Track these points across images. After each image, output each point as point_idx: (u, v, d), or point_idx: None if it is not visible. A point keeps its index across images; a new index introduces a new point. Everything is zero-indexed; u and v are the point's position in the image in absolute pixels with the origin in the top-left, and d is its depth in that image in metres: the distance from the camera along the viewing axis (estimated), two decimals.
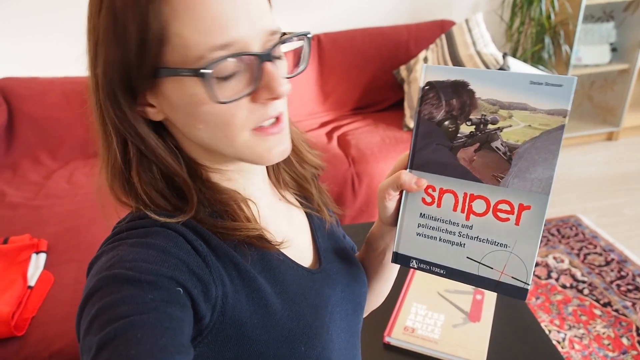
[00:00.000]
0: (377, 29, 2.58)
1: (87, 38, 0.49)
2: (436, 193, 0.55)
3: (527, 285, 0.51)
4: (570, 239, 2.29)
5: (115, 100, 0.48)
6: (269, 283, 0.55)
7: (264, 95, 0.48)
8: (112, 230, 0.52)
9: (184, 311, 0.44)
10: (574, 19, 2.72)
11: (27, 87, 2.29)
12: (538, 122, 0.49)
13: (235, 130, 0.49)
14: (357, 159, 2.12)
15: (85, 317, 0.42)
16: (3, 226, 1.79)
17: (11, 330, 1.33)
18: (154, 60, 0.46)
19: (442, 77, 0.53)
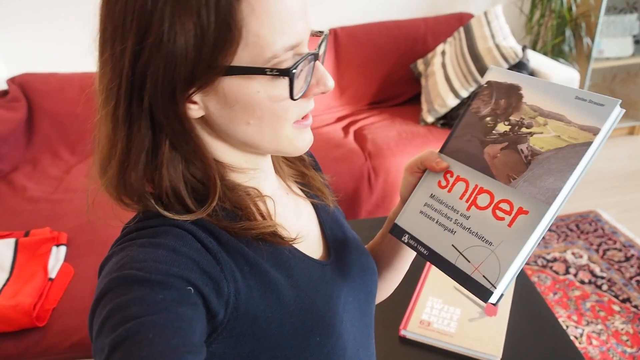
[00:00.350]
0: (394, 23, 2.56)
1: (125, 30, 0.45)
2: (452, 179, 0.57)
3: (493, 287, 0.50)
4: (589, 234, 2.26)
5: (171, 96, 0.47)
6: (281, 276, 0.55)
7: (315, 90, 0.52)
8: (122, 231, 0.53)
9: (195, 310, 0.44)
10: (595, 10, 2.66)
11: (46, 83, 2.33)
12: (568, 135, 0.49)
13: (285, 123, 0.51)
14: (374, 154, 2.11)
15: (97, 318, 0.42)
16: (24, 219, 1.83)
17: (33, 321, 1.36)
18: (229, 57, 0.45)
19: (501, 79, 0.57)
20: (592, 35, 2.72)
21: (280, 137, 0.52)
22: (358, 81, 2.54)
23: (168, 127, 0.49)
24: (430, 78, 2.37)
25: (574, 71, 2.18)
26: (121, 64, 0.46)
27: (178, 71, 0.45)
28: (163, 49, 0.44)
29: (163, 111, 0.48)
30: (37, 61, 2.43)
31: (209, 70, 0.46)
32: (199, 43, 0.44)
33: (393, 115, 2.41)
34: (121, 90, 0.47)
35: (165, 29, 0.43)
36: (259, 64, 0.46)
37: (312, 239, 0.65)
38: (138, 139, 0.49)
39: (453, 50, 2.33)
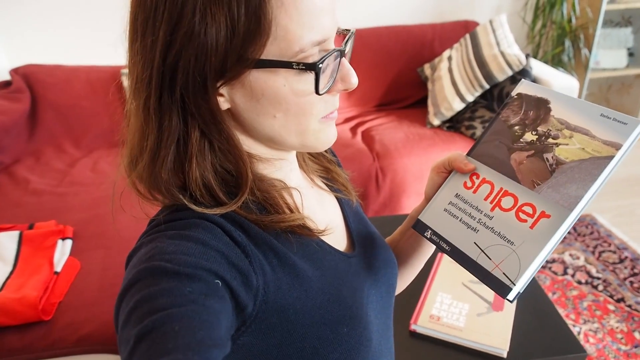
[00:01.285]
0: (403, 27, 2.59)
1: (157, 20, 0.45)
2: (478, 181, 0.60)
3: (512, 284, 0.52)
4: (586, 237, 2.33)
5: (202, 87, 0.47)
6: (309, 268, 0.55)
7: (340, 86, 0.52)
8: (149, 224, 0.52)
9: (223, 303, 0.44)
10: (593, 23, 2.73)
11: (51, 75, 2.29)
12: (592, 148, 0.52)
13: (310, 118, 0.51)
14: (382, 154, 2.13)
15: (124, 308, 0.42)
16: (27, 212, 1.79)
17: (39, 315, 1.34)
18: (258, 50, 0.46)
19: (531, 92, 0.60)
20: (589, 46, 2.78)
21: (306, 131, 0.52)
22: (366, 83, 2.56)
23: (200, 118, 0.49)
24: (437, 82, 2.40)
25: (573, 80, 2.23)
26: (152, 55, 0.46)
27: (209, 62, 0.45)
28: (194, 40, 0.44)
29: (194, 102, 0.48)
30: (42, 52, 2.40)
31: (238, 63, 0.46)
32: (229, 35, 0.44)
33: (400, 117, 2.43)
34: (152, 82, 0.47)
35: (197, 20, 0.44)
36: (286, 58, 0.47)
37: (338, 231, 0.66)
38: (169, 130, 0.49)
39: (459, 56, 2.37)
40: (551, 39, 2.79)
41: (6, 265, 1.53)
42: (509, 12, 2.83)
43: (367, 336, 0.58)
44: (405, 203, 2.13)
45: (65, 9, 2.36)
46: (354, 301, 0.58)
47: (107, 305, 1.40)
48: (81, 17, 2.37)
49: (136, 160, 0.51)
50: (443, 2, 2.76)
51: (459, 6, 2.79)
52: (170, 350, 0.37)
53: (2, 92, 2.23)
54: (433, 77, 2.46)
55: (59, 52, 2.41)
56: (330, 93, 0.52)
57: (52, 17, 2.37)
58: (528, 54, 2.28)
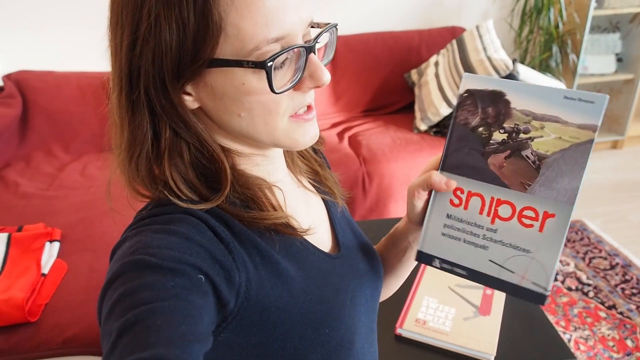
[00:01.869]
0: (390, 34, 2.62)
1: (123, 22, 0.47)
2: (464, 195, 0.57)
3: (546, 291, 0.51)
4: (575, 243, 2.32)
5: (162, 86, 0.48)
6: (292, 267, 0.55)
7: (308, 84, 0.51)
8: (134, 218, 0.53)
9: (205, 299, 0.44)
10: (581, 28, 2.76)
11: (42, 81, 2.31)
12: (568, 135, 0.50)
13: (277, 117, 0.51)
14: (368, 159, 2.14)
15: (107, 301, 0.42)
16: (16, 215, 1.80)
17: (25, 316, 1.34)
18: (210, 50, 0.46)
19: (480, 86, 0.55)
20: (577, 52, 2.81)
21: (275, 130, 0.52)
22: (353, 89, 2.58)
23: (166, 116, 0.50)
24: (424, 87, 2.42)
25: (561, 85, 2.25)
26: (120, 56, 0.48)
27: (165, 63, 0.47)
28: (150, 42, 0.46)
29: (158, 101, 0.49)
30: (34, 59, 2.41)
31: (193, 63, 0.46)
32: (181, 36, 0.45)
33: (387, 122, 2.45)
34: (122, 81, 0.49)
35: (152, 21, 0.45)
36: (241, 57, 0.46)
37: (322, 232, 0.66)
38: (141, 127, 0.50)
39: (446, 62, 2.39)
40: (538, 45, 2.82)
41: None
42: (495, 18, 2.86)
43: (349, 338, 0.58)
44: (392, 208, 2.14)
45: (57, 16, 2.39)
46: (337, 302, 0.58)
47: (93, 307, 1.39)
48: (73, 24, 2.39)
49: (118, 154, 0.53)
50: (430, 8, 2.79)
51: (447, 13, 2.81)
52: (153, 344, 0.37)
53: None
54: (420, 83, 2.48)
55: (51, 58, 2.43)
56: (299, 90, 0.51)
57: (45, 24, 2.40)
58: (515, 59, 2.30)
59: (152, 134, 0.51)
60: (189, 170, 0.52)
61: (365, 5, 2.71)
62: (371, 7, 2.72)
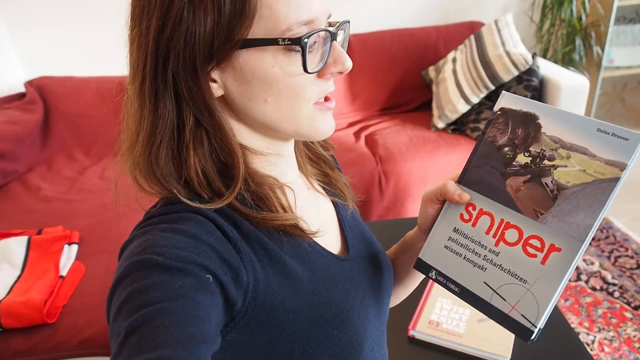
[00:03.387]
0: (406, 30, 2.59)
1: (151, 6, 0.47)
2: (475, 212, 0.55)
3: (534, 327, 0.49)
4: (600, 241, 2.25)
5: (193, 70, 0.48)
6: (300, 268, 0.55)
7: (332, 69, 0.52)
8: (144, 216, 0.53)
9: (213, 298, 0.44)
10: (605, 20, 2.67)
11: (63, 86, 2.36)
12: (593, 169, 0.48)
13: (303, 102, 0.51)
14: (385, 158, 2.12)
15: (115, 301, 0.43)
16: (37, 218, 1.84)
17: (43, 318, 1.37)
18: (244, 31, 0.47)
19: (515, 106, 0.54)
20: (602, 44, 2.72)
21: (299, 117, 0.52)
22: (370, 87, 2.55)
23: (192, 103, 0.50)
24: (442, 84, 2.38)
25: (584, 79, 2.18)
26: (146, 41, 0.48)
27: (198, 44, 0.47)
28: (183, 24, 0.46)
29: (186, 86, 0.49)
30: (56, 64, 2.48)
31: (226, 44, 0.47)
32: (216, 17, 0.46)
33: (404, 121, 2.42)
34: (147, 67, 0.49)
35: (185, 3, 0.46)
36: (273, 37, 0.47)
37: (332, 234, 0.65)
38: (164, 114, 0.50)
39: (464, 58, 2.35)
40: (561, 38, 2.74)
41: (15, 270, 1.57)
42: (515, 11, 2.79)
43: (357, 340, 0.58)
44: (409, 207, 2.11)
45: (76, 23, 2.45)
46: (345, 304, 0.58)
47: None
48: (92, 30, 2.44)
49: (133, 145, 0.52)
50: (448, 4, 2.74)
51: (464, 7, 2.76)
52: (160, 345, 0.37)
53: (17, 104, 2.31)
54: (437, 80, 2.44)
55: (71, 64, 2.49)
56: (323, 77, 0.52)
57: (64, 31, 2.46)
58: (535, 53, 2.24)
59: (175, 121, 0.50)
60: (209, 163, 0.52)
61: (381, 2, 2.68)
62: (387, 3, 2.69)
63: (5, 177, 2.10)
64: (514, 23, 2.41)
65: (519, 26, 2.73)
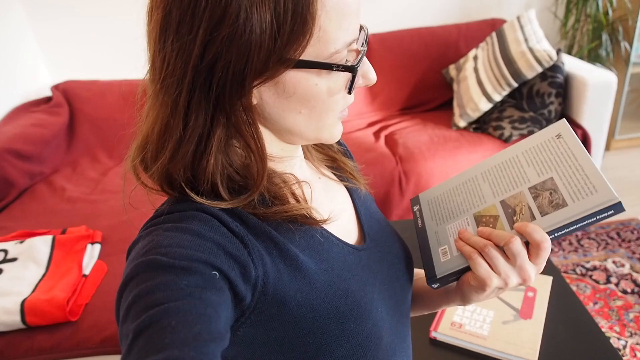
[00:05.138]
0: (426, 29, 2.56)
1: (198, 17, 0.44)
2: None
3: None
4: (631, 242, 2.17)
5: (241, 85, 0.46)
6: (313, 260, 0.54)
7: (360, 83, 0.54)
8: (153, 214, 0.53)
9: (221, 295, 0.44)
10: (633, 14, 2.59)
11: (87, 89, 2.42)
12: None
13: (332, 114, 0.53)
14: (405, 158, 2.10)
15: (123, 303, 0.43)
16: (62, 218, 1.88)
17: (66, 316, 1.39)
18: (299, 51, 0.46)
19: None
20: (630, 39, 2.64)
21: (325, 125, 0.54)
22: (390, 87, 2.54)
23: (233, 116, 0.48)
24: (463, 83, 2.34)
25: (611, 74, 2.12)
26: (188, 53, 0.45)
27: (251, 62, 0.45)
28: (237, 40, 0.44)
29: (229, 101, 0.47)
30: (81, 68, 2.54)
31: (280, 63, 0.46)
32: (274, 35, 0.44)
33: (425, 120, 2.39)
34: (186, 79, 0.46)
35: (241, 20, 0.43)
36: (321, 59, 0.48)
37: (347, 223, 0.64)
38: (195, 127, 0.48)
39: (485, 55, 2.31)
40: (586, 34, 2.67)
41: (40, 268, 1.60)
42: (539, 8, 2.74)
43: (376, 333, 0.57)
44: None
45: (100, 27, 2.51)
46: (363, 296, 0.57)
47: None
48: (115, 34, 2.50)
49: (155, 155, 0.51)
50: (469, 1, 2.71)
51: (486, 5, 2.72)
52: (167, 346, 0.37)
53: (44, 107, 2.37)
54: (458, 78, 2.41)
55: (95, 68, 2.55)
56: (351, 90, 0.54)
57: (89, 35, 2.52)
58: (559, 49, 2.19)
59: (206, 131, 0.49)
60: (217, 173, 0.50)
61: (401, 1, 2.67)
62: (406, 3, 2.68)
63: (32, 179, 2.15)
64: (537, 19, 2.36)
65: (543, 22, 2.67)
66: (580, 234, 2.25)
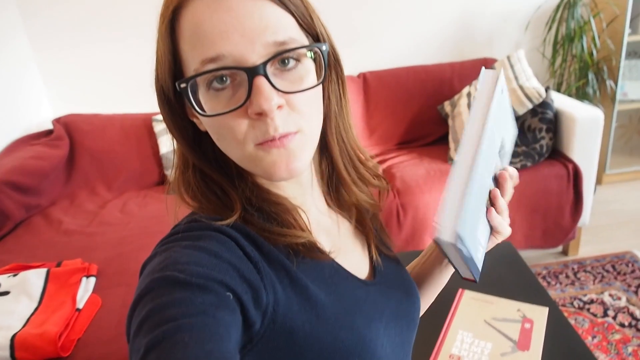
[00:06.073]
0: (422, 67, 2.64)
1: None
2: None
3: None
4: (626, 275, 2.18)
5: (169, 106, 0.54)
6: (322, 292, 0.54)
7: (251, 109, 0.47)
8: (170, 231, 0.54)
9: (233, 316, 0.44)
10: (616, 55, 2.69)
11: (89, 123, 2.45)
12: None
13: (237, 144, 0.49)
14: (402, 191, 2.11)
15: (135, 317, 0.43)
16: (57, 251, 1.86)
17: (57, 351, 1.36)
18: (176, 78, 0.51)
19: None
20: (614, 78, 2.73)
21: (242, 157, 0.51)
22: (387, 122, 2.58)
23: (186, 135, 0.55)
24: (457, 118, 2.40)
25: (598, 111, 2.18)
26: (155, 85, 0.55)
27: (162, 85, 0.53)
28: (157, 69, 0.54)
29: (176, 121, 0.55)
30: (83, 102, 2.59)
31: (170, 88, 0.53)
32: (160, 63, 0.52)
33: (421, 154, 2.42)
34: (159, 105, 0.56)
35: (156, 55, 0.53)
36: None
37: (357, 257, 0.65)
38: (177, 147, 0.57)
39: None
40: (574, 72, 2.76)
41: (32, 302, 1.58)
42: (527, 48, 2.83)
43: None
44: (427, 239, 2.09)
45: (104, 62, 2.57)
46: (369, 332, 0.56)
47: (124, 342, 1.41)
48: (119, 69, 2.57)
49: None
50: (461, 42, 2.80)
51: (478, 45, 2.82)
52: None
53: (45, 140, 2.39)
54: (453, 114, 2.46)
55: (98, 102, 2.59)
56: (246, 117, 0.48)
57: (93, 70, 2.58)
58: (548, 86, 2.26)
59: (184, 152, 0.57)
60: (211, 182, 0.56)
61: (397, 41, 2.76)
62: (402, 42, 2.76)
63: (29, 211, 2.14)
64: (526, 59, 2.44)
65: (532, 62, 2.76)
66: (576, 267, 2.25)
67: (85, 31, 2.50)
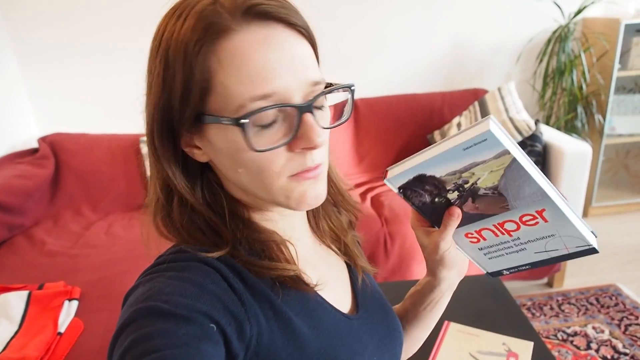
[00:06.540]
0: (412, 96, 2.67)
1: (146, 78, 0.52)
2: (475, 234, 0.63)
3: (590, 245, 0.57)
4: (610, 308, 2.19)
5: (159, 139, 0.52)
6: (306, 325, 0.54)
7: (300, 144, 0.49)
8: (154, 261, 0.53)
9: (216, 348, 0.43)
10: (605, 89, 2.74)
11: (75, 142, 2.43)
12: (495, 166, 0.52)
13: (273, 176, 0.50)
14: (390, 219, 2.12)
15: (118, 347, 0.42)
16: (40, 273, 1.83)
17: None
18: (198, 106, 0.48)
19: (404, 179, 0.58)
20: (603, 112, 2.78)
21: (272, 189, 0.51)
22: (377, 149, 2.60)
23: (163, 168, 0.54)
24: None
25: (586, 145, 2.22)
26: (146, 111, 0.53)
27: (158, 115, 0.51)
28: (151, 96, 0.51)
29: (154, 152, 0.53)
30: (69, 122, 2.56)
31: (181, 116, 0.50)
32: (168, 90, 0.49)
33: None
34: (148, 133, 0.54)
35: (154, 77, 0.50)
36: (227, 113, 0.48)
37: (342, 292, 0.65)
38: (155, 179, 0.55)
39: (468, 122, 2.41)
40: (563, 105, 2.81)
41: (12, 325, 1.54)
42: (518, 80, 2.89)
43: None
44: (414, 269, 2.09)
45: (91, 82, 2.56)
46: None
47: None
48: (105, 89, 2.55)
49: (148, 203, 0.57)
50: (452, 72, 2.84)
51: (469, 76, 2.86)
52: None
53: (29, 159, 2.36)
54: None
55: (84, 122, 2.57)
56: (293, 151, 0.50)
57: (80, 89, 2.56)
58: (537, 119, 2.30)
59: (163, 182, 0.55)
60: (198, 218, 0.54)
61: (388, 69, 2.79)
62: (394, 70, 2.80)
63: (11, 231, 2.11)
64: (517, 91, 2.48)
65: (522, 94, 2.81)
66: (560, 299, 2.26)
67: (73, 52, 2.50)
